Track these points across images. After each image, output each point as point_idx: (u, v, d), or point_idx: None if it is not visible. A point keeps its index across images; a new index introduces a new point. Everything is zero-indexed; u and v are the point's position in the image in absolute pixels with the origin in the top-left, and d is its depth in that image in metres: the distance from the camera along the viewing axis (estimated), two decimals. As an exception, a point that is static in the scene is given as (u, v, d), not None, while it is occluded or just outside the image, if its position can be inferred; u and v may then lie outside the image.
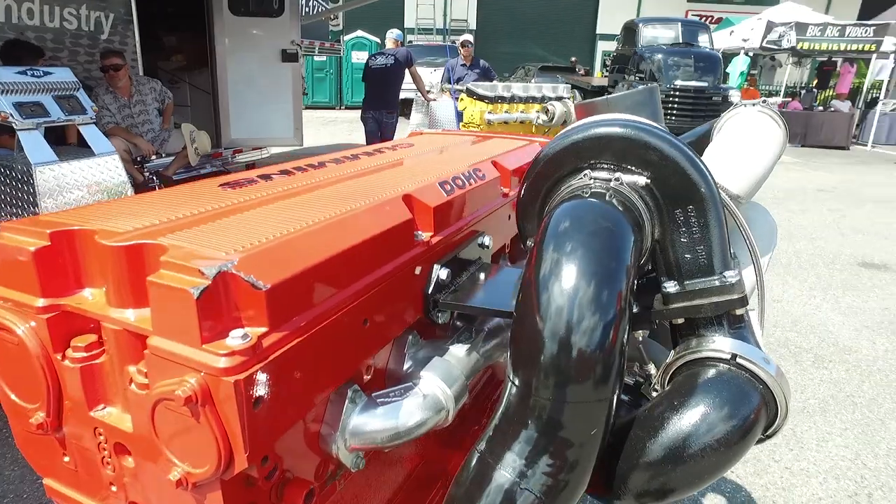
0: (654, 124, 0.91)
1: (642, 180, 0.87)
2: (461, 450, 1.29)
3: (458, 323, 1.14)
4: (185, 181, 3.03)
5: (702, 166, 0.87)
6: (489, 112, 6.22)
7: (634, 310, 0.88)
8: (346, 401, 0.81)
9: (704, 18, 19.52)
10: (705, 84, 11.25)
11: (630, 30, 12.97)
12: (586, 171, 0.91)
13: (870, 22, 14.20)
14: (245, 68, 6.56)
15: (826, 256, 5.87)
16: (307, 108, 8.98)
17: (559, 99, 6.18)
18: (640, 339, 1.02)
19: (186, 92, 7.58)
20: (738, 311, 0.85)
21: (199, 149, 5.24)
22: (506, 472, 0.73)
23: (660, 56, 11.67)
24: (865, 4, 22.94)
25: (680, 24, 12.52)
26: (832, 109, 14.43)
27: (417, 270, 0.93)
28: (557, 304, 0.73)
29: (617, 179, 0.87)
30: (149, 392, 0.65)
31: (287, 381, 0.65)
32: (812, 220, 7.34)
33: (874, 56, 14.01)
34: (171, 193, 0.93)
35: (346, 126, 14.73)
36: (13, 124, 2.49)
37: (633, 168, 0.88)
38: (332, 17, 10.11)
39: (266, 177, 1.05)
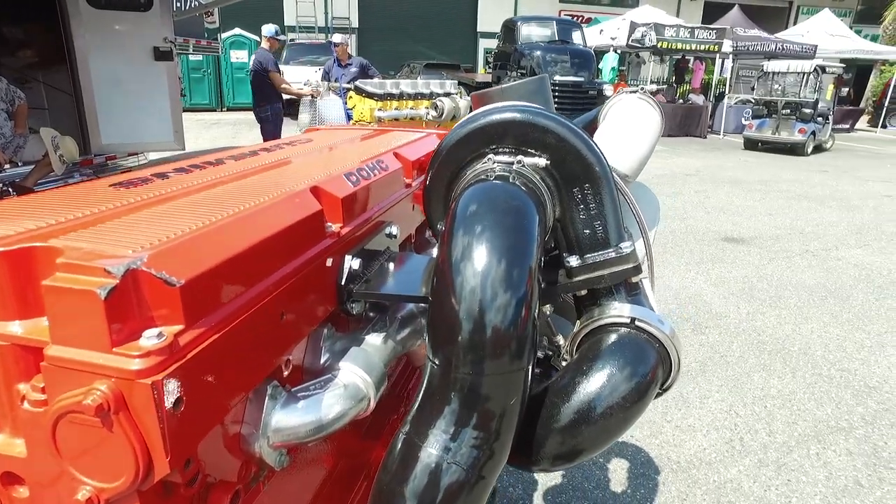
0: (550, 111, 0.97)
1: (542, 162, 0.92)
2: (380, 441, 1.29)
3: (371, 314, 1.14)
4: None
5: (595, 148, 0.94)
6: (379, 109, 6.21)
7: (542, 285, 0.94)
8: (267, 398, 0.79)
9: (576, 18, 20.72)
10: (582, 79, 11.99)
11: (509, 28, 13.50)
12: (490, 156, 0.95)
13: (712, 26, 15.87)
14: (112, 67, 6.03)
15: (696, 233, 6.50)
16: (186, 110, 8.47)
17: (447, 95, 6.31)
18: (549, 313, 1.08)
19: (42, 92, 6.83)
20: (634, 279, 0.93)
21: (64, 156, 4.74)
22: (432, 450, 0.75)
23: (539, 53, 12.28)
24: (707, 9, 25.57)
25: (555, 22, 13.25)
26: (689, 102, 15.95)
27: (329, 262, 0.92)
28: (471, 285, 0.75)
29: (519, 162, 0.92)
30: (48, 408, 0.59)
31: (207, 380, 0.62)
32: (683, 201, 8.07)
33: (717, 55, 15.68)
34: (54, 196, 0.85)
35: (229, 129, 14.01)
36: None
37: (533, 151, 0.93)
38: (208, 13, 9.55)
39: (162, 175, 0.99)
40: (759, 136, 13.51)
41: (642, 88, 1.33)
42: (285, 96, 7.45)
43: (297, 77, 11.76)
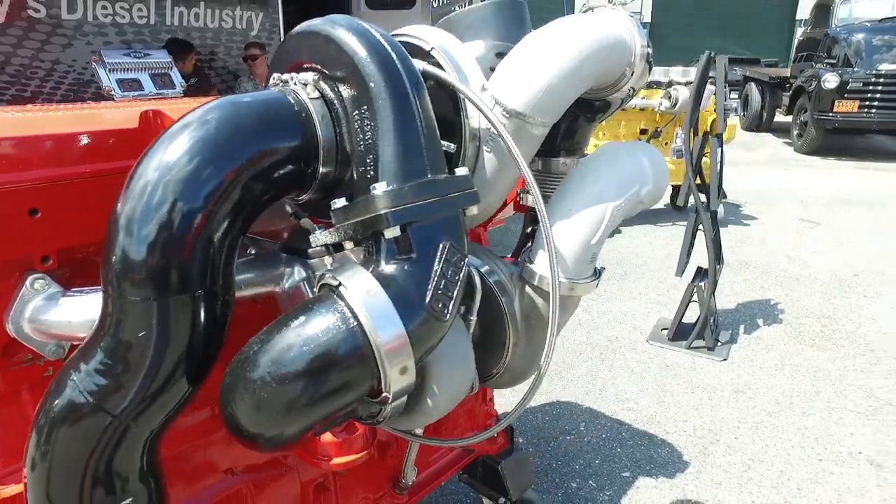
0: (358, 20, 0.82)
1: (309, 76, 0.80)
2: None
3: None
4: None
5: (389, 60, 0.76)
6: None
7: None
8: (24, 286, 0.86)
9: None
10: (927, 69, 9.19)
11: (823, 7, 11.10)
12: (276, 75, 0.85)
13: None
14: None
15: None
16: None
17: (687, 84, 5.56)
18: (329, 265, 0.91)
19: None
20: (387, 233, 0.72)
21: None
22: (72, 377, 0.72)
23: (861, 35, 9.76)
24: None
25: (895, -5, 10.38)
26: None
27: None
28: (144, 179, 0.69)
29: (291, 79, 0.81)
30: None
31: None
32: None
33: None
34: None
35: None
36: (113, 97, 3.01)
37: (327, 70, 0.81)
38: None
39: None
40: None
41: (612, 1, 1.01)
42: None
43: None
